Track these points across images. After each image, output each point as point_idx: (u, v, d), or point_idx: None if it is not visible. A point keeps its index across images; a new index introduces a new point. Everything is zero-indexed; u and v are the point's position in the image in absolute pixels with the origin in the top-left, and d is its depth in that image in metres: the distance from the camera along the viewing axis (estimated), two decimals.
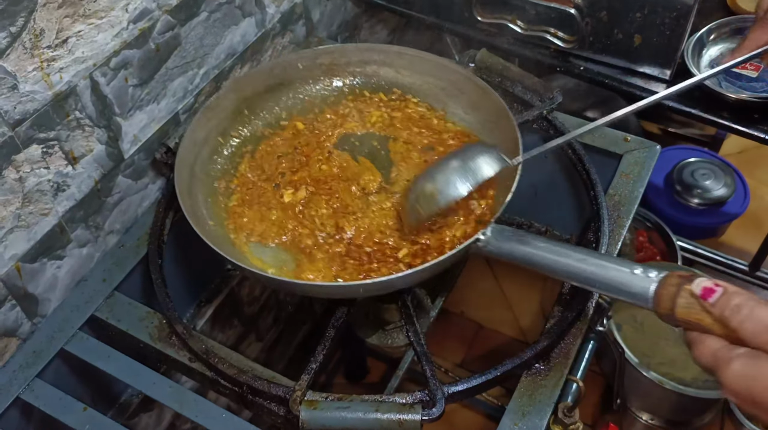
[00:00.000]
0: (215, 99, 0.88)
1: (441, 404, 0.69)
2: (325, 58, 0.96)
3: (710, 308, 0.54)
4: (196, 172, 0.85)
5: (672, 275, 0.59)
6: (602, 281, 0.64)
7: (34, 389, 0.79)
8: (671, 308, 0.57)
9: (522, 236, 0.70)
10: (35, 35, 0.72)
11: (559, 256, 0.67)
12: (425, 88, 0.95)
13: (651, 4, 0.98)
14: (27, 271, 0.81)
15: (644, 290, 0.60)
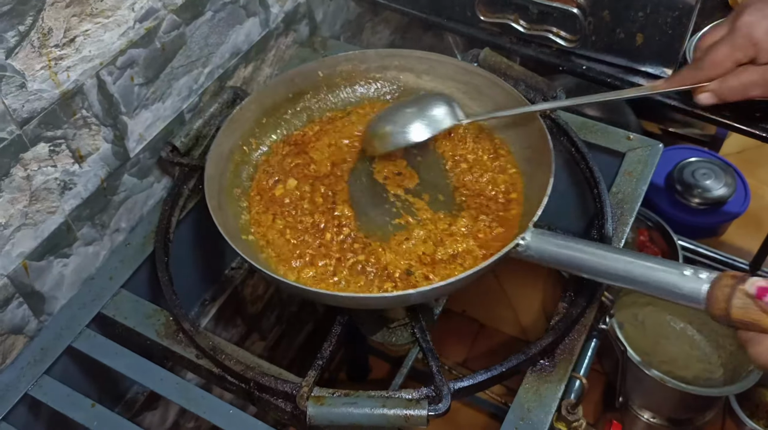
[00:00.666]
0: (238, 111, 0.88)
1: (447, 399, 0.69)
2: (345, 65, 0.96)
3: (765, 307, 0.55)
4: (224, 186, 0.85)
5: (725, 275, 0.59)
6: (652, 283, 0.63)
7: (42, 386, 0.79)
8: (726, 309, 0.57)
9: (562, 239, 0.70)
10: (43, 34, 0.72)
11: (606, 259, 0.66)
12: (447, 93, 0.94)
13: (653, 3, 0.98)
14: (34, 269, 0.82)
15: (696, 292, 0.60)
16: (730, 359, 1.53)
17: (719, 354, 1.55)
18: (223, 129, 0.86)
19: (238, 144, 0.89)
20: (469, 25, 1.15)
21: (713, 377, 1.52)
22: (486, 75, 0.90)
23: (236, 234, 0.81)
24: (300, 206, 0.84)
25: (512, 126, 0.88)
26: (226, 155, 0.87)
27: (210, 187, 0.80)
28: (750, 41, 0.66)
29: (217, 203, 0.80)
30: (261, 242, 0.82)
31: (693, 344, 1.56)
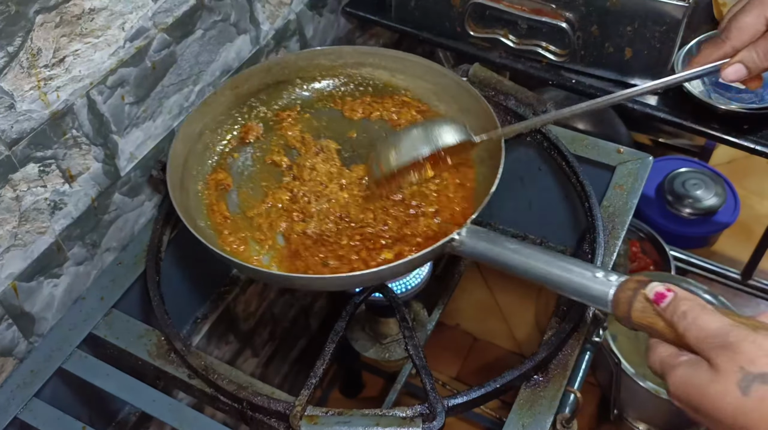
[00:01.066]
0: (212, 95, 0.90)
1: (441, 417, 0.69)
2: (322, 59, 0.98)
3: (661, 312, 0.56)
4: (188, 166, 0.87)
5: (630, 279, 0.61)
6: (566, 283, 0.66)
7: (32, 409, 0.78)
8: (628, 311, 0.59)
9: (495, 237, 0.72)
10: (32, 55, 0.72)
11: (528, 258, 0.69)
12: (418, 92, 0.97)
13: (641, 18, 0.99)
14: (23, 290, 0.81)
15: (604, 294, 0.62)
16: None
17: None
18: (195, 110, 0.89)
19: (208, 127, 0.91)
20: (459, 40, 1.15)
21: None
22: (453, 78, 0.93)
23: (196, 218, 0.83)
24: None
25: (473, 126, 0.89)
26: (195, 136, 0.89)
27: (173, 166, 0.83)
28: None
29: (179, 182, 0.83)
30: (220, 227, 0.84)
31: None
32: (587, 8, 1.02)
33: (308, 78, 0.99)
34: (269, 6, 1.07)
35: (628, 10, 0.99)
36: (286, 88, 0.99)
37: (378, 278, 0.78)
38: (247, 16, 1.03)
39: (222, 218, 0.85)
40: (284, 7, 1.11)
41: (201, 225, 0.84)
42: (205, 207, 0.86)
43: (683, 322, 0.53)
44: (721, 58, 0.67)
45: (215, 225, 0.85)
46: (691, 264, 1.82)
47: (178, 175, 0.84)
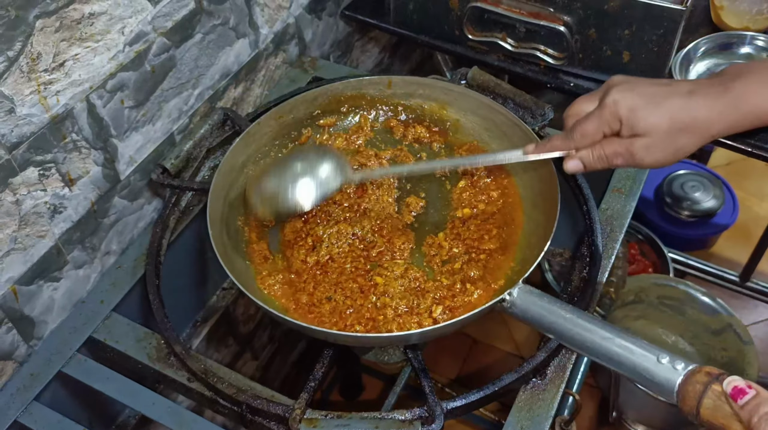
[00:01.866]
0: (256, 125, 0.88)
1: (440, 419, 0.69)
2: (370, 89, 0.96)
3: (738, 410, 0.52)
4: (230, 200, 0.85)
5: (700, 370, 0.57)
6: (626, 364, 0.62)
7: (32, 413, 0.78)
8: (695, 407, 0.55)
9: (549, 302, 0.69)
10: (32, 59, 0.72)
11: (585, 331, 0.66)
12: (469, 126, 0.95)
13: (639, 21, 1.00)
14: (23, 293, 0.81)
15: (669, 383, 0.59)
16: None
17: None
18: (238, 141, 0.86)
19: (252, 158, 0.89)
20: (457, 43, 1.16)
21: None
22: (507, 115, 0.90)
23: (233, 257, 0.81)
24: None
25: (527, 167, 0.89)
26: (238, 167, 0.87)
27: (214, 201, 0.81)
28: (615, 117, 0.71)
29: (219, 217, 0.81)
30: (259, 269, 0.83)
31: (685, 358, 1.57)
32: (585, 12, 1.02)
33: (355, 107, 0.97)
34: (268, 10, 1.07)
35: (626, 13, 1.00)
36: (329, 117, 0.97)
37: (425, 337, 0.75)
38: (246, 20, 1.03)
39: (262, 258, 0.84)
40: (283, 11, 1.11)
41: (240, 264, 0.82)
42: (244, 244, 0.85)
43: (766, 426, 0.50)
44: (567, 150, 0.76)
45: (255, 265, 0.83)
46: (689, 266, 1.82)
47: (218, 209, 0.82)
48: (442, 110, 0.97)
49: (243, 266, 0.83)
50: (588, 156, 0.75)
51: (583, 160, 0.75)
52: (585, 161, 0.75)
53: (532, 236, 0.84)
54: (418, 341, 0.75)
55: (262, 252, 0.85)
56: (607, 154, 0.74)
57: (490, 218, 0.88)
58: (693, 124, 0.70)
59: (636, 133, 0.71)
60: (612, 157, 0.74)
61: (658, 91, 0.72)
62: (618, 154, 0.73)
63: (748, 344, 1.49)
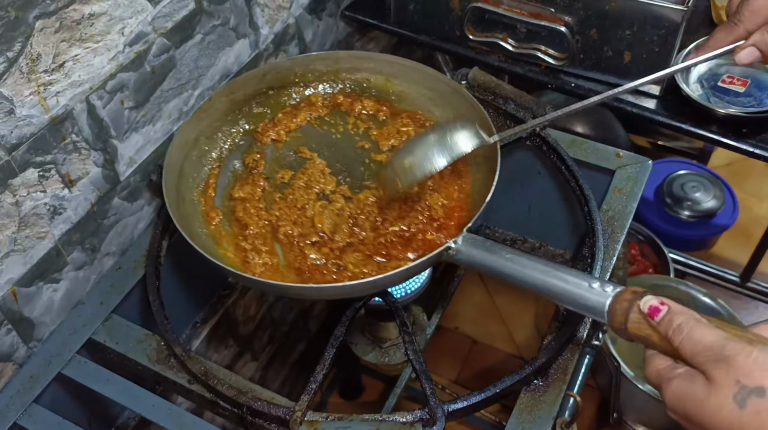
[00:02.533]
0: (207, 101, 0.91)
1: (442, 422, 0.69)
2: (318, 64, 0.98)
3: (656, 326, 0.56)
4: (184, 173, 0.88)
5: (626, 290, 0.61)
6: (562, 293, 0.66)
7: (31, 415, 0.78)
8: (624, 323, 0.59)
9: (491, 245, 0.72)
10: (32, 60, 0.72)
11: (524, 267, 0.69)
12: (414, 97, 0.97)
13: (640, 21, 0.99)
14: (23, 295, 0.81)
15: (600, 304, 0.62)
16: None
17: None
18: (190, 118, 0.89)
19: (204, 133, 0.92)
20: (458, 44, 1.15)
21: None
22: (450, 84, 0.93)
23: (192, 226, 0.83)
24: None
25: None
26: (191, 143, 0.90)
27: (169, 173, 0.84)
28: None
29: (175, 189, 0.84)
30: (216, 236, 0.85)
31: None
32: (586, 12, 1.02)
33: (303, 83, 1.00)
34: (268, 10, 1.07)
35: (627, 13, 0.99)
36: (282, 93, 0.99)
37: (375, 286, 0.77)
38: (246, 21, 1.03)
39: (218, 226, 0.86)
40: (283, 12, 1.11)
41: (198, 232, 0.84)
42: (201, 215, 0.86)
43: (678, 336, 0.54)
44: (734, 42, 0.66)
45: (212, 233, 0.85)
46: (689, 267, 1.82)
47: (173, 182, 0.85)
48: (387, 83, 0.99)
49: (202, 234, 0.84)
50: (764, 38, 0.64)
51: (758, 44, 0.64)
52: (761, 46, 0.64)
53: (477, 195, 0.85)
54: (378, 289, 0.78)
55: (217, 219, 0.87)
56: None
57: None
58: None
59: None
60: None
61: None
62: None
63: None
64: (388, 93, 0.99)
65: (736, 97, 1.04)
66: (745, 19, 0.65)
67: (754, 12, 0.64)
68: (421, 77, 0.96)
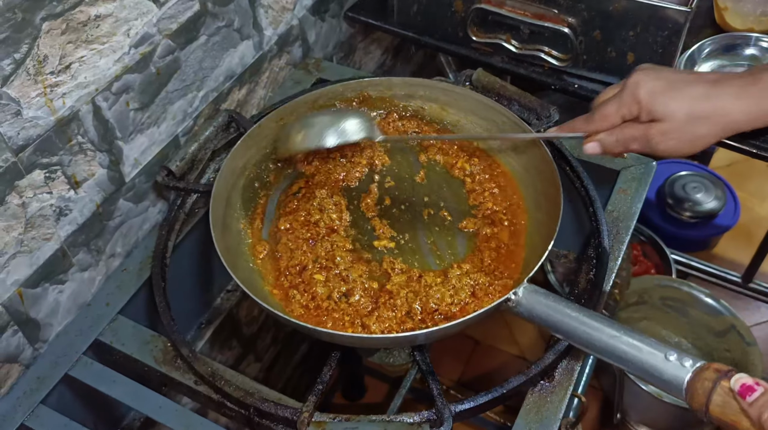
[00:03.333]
0: (256, 127, 0.89)
1: (449, 422, 0.69)
2: (371, 90, 0.96)
3: (747, 408, 0.52)
4: (231, 202, 0.85)
5: (708, 367, 0.57)
6: (634, 362, 0.62)
7: (38, 416, 0.78)
8: (704, 404, 0.55)
9: (554, 301, 0.69)
10: (39, 62, 0.72)
11: (592, 329, 0.65)
12: (469, 127, 0.95)
13: (643, 23, 1.00)
14: (29, 296, 0.81)
15: (678, 380, 0.58)
16: None
17: None
18: (239, 143, 0.87)
19: (251, 161, 0.89)
20: (461, 45, 1.16)
21: None
22: (507, 115, 0.90)
23: (236, 258, 0.81)
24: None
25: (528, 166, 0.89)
26: (239, 170, 0.87)
27: (216, 203, 0.81)
28: (634, 99, 0.71)
29: (221, 221, 0.81)
30: (262, 270, 0.82)
31: None
32: (589, 13, 1.02)
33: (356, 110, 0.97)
34: (272, 12, 1.07)
35: (631, 14, 1.00)
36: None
37: (431, 337, 0.74)
38: (250, 22, 1.03)
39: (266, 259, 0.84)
40: (287, 13, 1.11)
41: (243, 265, 0.82)
42: (248, 247, 0.85)
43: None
44: (586, 132, 0.77)
45: (258, 266, 0.83)
46: (691, 267, 1.82)
47: (220, 212, 0.82)
48: (442, 111, 0.97)
49: (247, 268, 0.82)
50: (606, 139, 0.75)
51: (601, 142, 0.75)
52: (603, 143, 0.75)
53: (535, 236, 0.83)
54: (424, 341, 0.75)
55: (264, 252, 0.85)
56: (624, 137, 0.73)
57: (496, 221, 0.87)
58: (714, 113, 0.69)
59: (654, 117, 0.70)
60: (629, 141, 0.73)
61: (682, 77, 0.71)
62: (634, 138, 0.72)
63: (751, 345, 1.49)
64: (443, 122, 0.97)
65: None
66: (597, 120, 0.75)
67: (603, 117, 0.74)
68: (475, 106, 0.93)
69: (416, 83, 0.96)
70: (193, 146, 0.94)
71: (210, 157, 0.96)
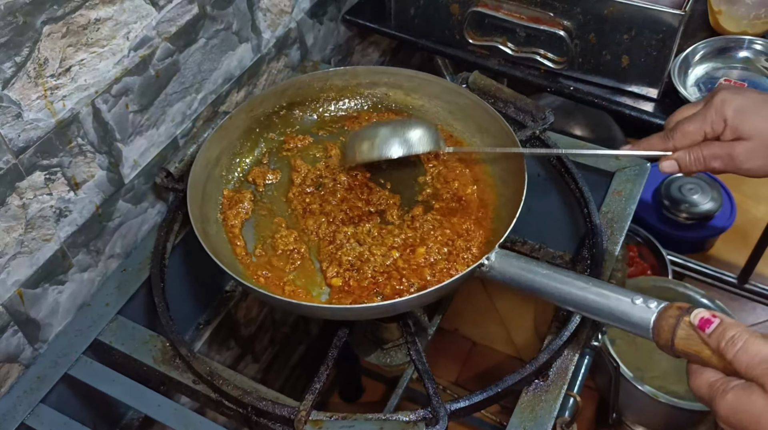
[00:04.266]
0: (228, 119, 0.90)
1: (444, 421, 0.70)
2: (337, 80, 0.98)
3: (707, 339, 0.56)
4: (207, 192, 0.87)
5: (671, 306, 0.60)
6: (603, 310, 0.64)
7: (38, 415, 0.79)
8: (670, 339, 0.58)
9: (526, 262, 0.71)
10: (39, 64, 0.73)
11: (562, 283, 0.67)
12: (433, 111, 0.97)
13: (638, 26, 1.01)
14: (29, 296, 0.82)
15: (644, 321, 0.61)
16: None
17: None
18: (211, 136, 0.88)
19: (226, 151, 0.91)
20: (458, 48, 1.17)
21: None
22: (471, 97, 0.93)
23: (219, 241, 0.83)
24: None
25: (493, 145, 0.91)
26: (213, 161, 0.89)
27: (193, 193, 0.83)
28: (721, 117, 0.71)
29: (199, 209, 0.83)
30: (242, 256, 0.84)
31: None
32: (585, 16, 1.03)
33: (323, 99, 0.99)
34: (270, 15, 1.08)
35: (625, 18, 1.01)
36: (302, 109, 0.99)
37: (409, 305, 0.77)
38: (248, 25, 1.04)
39: (242, 247, 0.85)
40: (285, 16, 1.12)
41: (224, 252, 0.83)
42: (225, 232, 0.86)
43: (732, 348, 0.54)
44: (664, 151, 0.76)
45: (238, 254, 0.85)
46: (687, 268, 1.83)
47: (197, 202, 0.83)
48: (407, 97, 0.99)
49: (227, 251, 0.84)
50: (685, 157, 0.74)
51: (679, 161, 0.75)
52: (681, 162, 0.75)
53: (502, 210, 0.86)
54: (404, 309, 0.77)
55: (241, 238, 0.86)
56: (705, 155, 0.73)
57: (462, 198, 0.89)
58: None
59: (740, 136, 0.70)
60: (710, 159, 0.72)
61: (766, 97, 0.71)
62: (717, 156, 0.72)
63: None
64: (408, 107, 0.99)
65: None
66: (677, 138, 0.74)
67: (684, 134, 0.73)
68: (440, 91, 0.96)
69: (380, 71, 0.99)
70: (192, 148, 0.95)
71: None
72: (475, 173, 0.91)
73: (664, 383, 1.49)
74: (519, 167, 0.82)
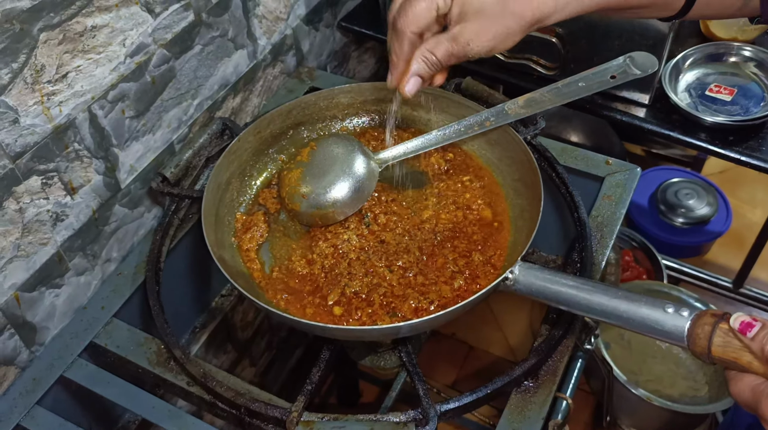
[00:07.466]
0: (236, 142, 0.90)
1: (434, 421, 0.71)
2: (342, 98, 0.98)
3: (749, 343, 0.55)
4: (220, 216, 0.87)
5: (705, 313, 0.60)
6: (635, 319, 0.64)
7: (34, 417, 0.80)
8: (707, 347, 0.58)
9: (550, 274, 0.70)
10: (36, 71, 0.74)
11: (591, 295, 0.67)
12: (441, 126, 0.96)
13: (628, 32, 1.02)
14: (26, 300, 0.83)
15: (678, 329, 0.60)
16: (714, 376, 1.55)
17: (704, 372, 1.57)
18: (220, 160, 0.88)
19: (236, 174, 0.91)
20: None
21: (699, 394, 1.54)
22: (477, 109, 0.91)
23: (235, 265, 0.83)
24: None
25: (502, 156, 0.91)
26: (224, 185, 0.89)
27: (207, 220, 0.82)
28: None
29: (214, 235, 0.82)
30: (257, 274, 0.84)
31: (678, 362, 1.58)
32: (576, 24, 1.05)
33: (330, 117, 0.99)
34: (266, 21, 1.09)
35: (616, 24, 1.02)
36: (309, 128, 0.98)
37: (432, 324, 0.76)
38: (244, 32, 1.05)
39: (258, 269, 0.85)
40: (281, 23, 1.14)
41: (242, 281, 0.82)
42: (240, 256, 0.86)
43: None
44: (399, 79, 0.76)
45: (257, 278, 0.84)
46: (683, 273, 1.84)
47: (212, 227, 0.83)
48: (413, 112, 0.99)
49: (245, 276, 0.84)
50: (419, 66, 0.72)
51: (419, 74, 0.73)
52: (419, 72, 0.73)
53: (519, 220, 0.85)
54: (428, 328, 0.77)
55: (257, 261, 0.86)
56: (434, 49, 0.71)
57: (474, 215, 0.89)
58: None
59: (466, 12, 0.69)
60: (442, 52, 0.71)
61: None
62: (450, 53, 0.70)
63: None
64: (415, 122, 0.99)
65: (724, 105, 1.07)
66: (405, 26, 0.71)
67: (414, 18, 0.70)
68: (448, 105, 0.95)
69: (383, 87, 0.98)
70: (188, 153, 0.96)
71: (204, 163, 0.98)
72: (485, 185, 0.91)
73: (658, 387, 1.49)
74: (534, 180, 0.82)
